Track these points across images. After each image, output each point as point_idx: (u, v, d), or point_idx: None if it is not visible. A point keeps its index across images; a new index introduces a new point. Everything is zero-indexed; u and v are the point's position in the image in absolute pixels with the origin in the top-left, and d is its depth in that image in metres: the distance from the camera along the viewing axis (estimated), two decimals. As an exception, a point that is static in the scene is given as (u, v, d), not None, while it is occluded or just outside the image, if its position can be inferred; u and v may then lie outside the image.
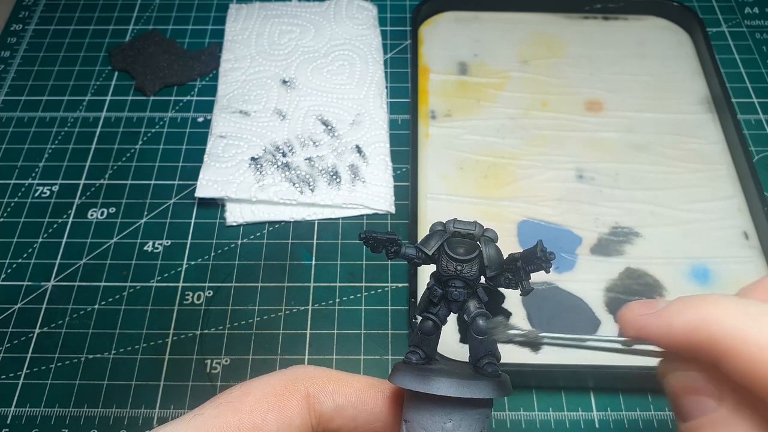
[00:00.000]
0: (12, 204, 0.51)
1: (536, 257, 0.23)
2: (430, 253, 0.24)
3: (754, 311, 0.20)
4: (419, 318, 0.25)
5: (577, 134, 0.54)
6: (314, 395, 0.24)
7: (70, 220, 0.51)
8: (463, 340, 0.25)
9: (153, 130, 0.56)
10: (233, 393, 0.24)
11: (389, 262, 0.48)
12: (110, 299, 0.46)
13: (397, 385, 0.23)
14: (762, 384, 0.19)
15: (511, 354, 0.42)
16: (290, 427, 0.23)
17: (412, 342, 0.25)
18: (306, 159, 0.52)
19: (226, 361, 0.44)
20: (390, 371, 0.24)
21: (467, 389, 0.22)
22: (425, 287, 0.25)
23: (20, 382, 0.43)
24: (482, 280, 0.24)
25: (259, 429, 0.23)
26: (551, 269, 0.23)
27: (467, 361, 0.25)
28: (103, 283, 0.47)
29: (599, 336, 0.24)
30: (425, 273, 0.46)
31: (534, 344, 0.23)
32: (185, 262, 0.48)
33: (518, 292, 0.24)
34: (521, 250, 0.24)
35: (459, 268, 0.24)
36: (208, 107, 0.57)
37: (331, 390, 0.24)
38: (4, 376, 0.43)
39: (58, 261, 0.48)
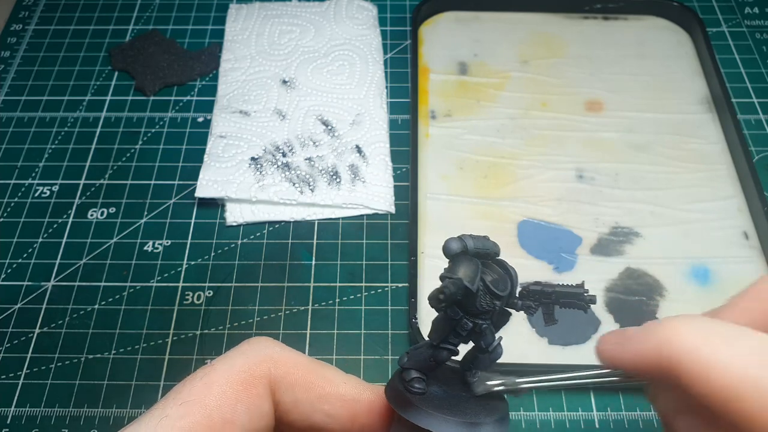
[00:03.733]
0: (12, 204, 0.51)
1: (579, 298, 0.22)
2: (474, 290, 0.22)
3: (712, 330, 0.20)
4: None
5: (577, 134, 0.54)
6: (275, 381, 0.23)
7: (70, 220, 0.51)
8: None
9: (153, 130, 0.56)
10: (195, 386, 0.22)
11: (389, 262, 0.48)
12: (110, 299, 0.46)
13: None
14: (718, 406, 0.19)
15: (511, 354, 0.42)
16: (261, 415, 0.22)
17: (414, 365, 0.23)
18: (306, 159, 0.52)
19: (226, 361, 0.44)
20: (400, 402, 0.22)
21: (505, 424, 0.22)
22: (440, 313, 0.23)
23: (20, 382, 0.43)
24: None
25: (230, 423, 0.21)
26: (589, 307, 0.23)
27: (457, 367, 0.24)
28: (103, 283, 0.47)
29: (578, 373, 0.23)
30: (426, 273, 0.46)
31: (514, 391, 0.23)
32: (185, 262, 0.48)
33: (541, 319, 0.23)
34: (552, 283, 0.23)
35: (497, 302, 0.22)
36: (208, 107, 0.57)
37: (292, 381, 0.23)
38: (4, 376, 0.43)
39: (58, 261, 0.48)
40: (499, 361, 0.24)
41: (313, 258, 0.48)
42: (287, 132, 0.54)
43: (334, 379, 0.24)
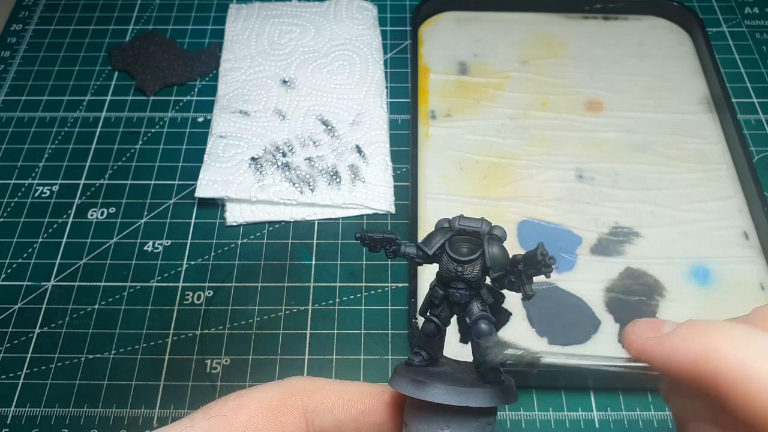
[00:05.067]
0: (12, 204, 0.51)
1: (536, 261, 0.21)
2: (430, 253, 0.23)
3: (763, 345, 0.18)
4: (420, 319, 0.24)
5: (577, 134, 0.54)
6: (313, 410, 0.23)
7: (70, 220, 0.51)
8: (463, 341, 0.24)
9: (153, 130, 0.56)
10: (227, 405, 0.22)
11: (389, 262, 0.48)
12: (110, 299, 0.46)
13: (394, 389, 0.22)
14: (760, 424, 0.18)
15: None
16: None
17: (416, 343, 0.24)
18: (306, 159, 0.52)
19: (226, 361, 0.44)
20: (391, 373, 0.23)
21: (464, 397, 0.21)
22: (428, 287, 0.24)
23: (20, 382, 0.43)
24: (488, 280, 0.23)
25: None
26: (551, 273, 0.22)
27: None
28: (103, 283, 0.47)
29: (600, 355, 0.22)
30: (426, 273, 0.46)
31: (532, 365, 0.22)
32: (185, 262, 0.48)
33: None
34: (524, 252, 0.23)
35: (460, 269, 0.23)
36: (208, 107, 0.57)
37: (331, 405, 0.23)
38: (4, 376, 0.43)
39: (58, 261, 0.48)
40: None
41: (313, 258, 0.48)
42: (287, 132, 0.54)
43: (369, 388, 0.24)
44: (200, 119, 0.57)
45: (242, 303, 0.46)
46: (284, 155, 0.52)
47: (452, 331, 0.24)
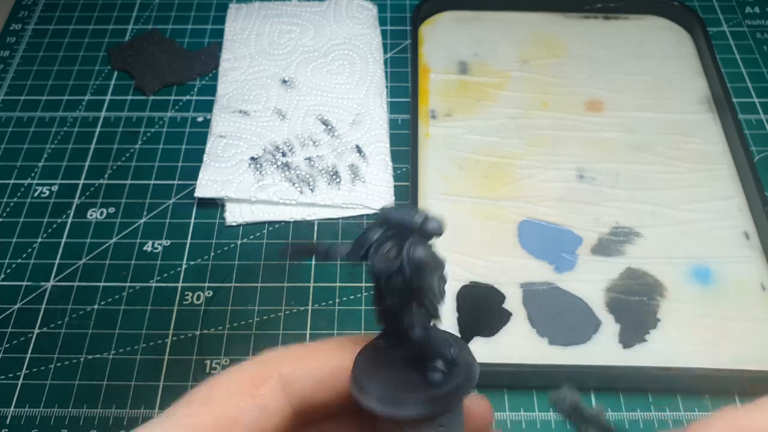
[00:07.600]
0: (11, 204, 0.51)
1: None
2: (359, 257, 0.21)
3: None
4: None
5: (577, 134, 0.54)
6: (289, 376, 0.23)
7: (70, 220, 0.50)
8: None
9: (153, 130, 0.56)
10: (203, 389, 0.23)
11: (389, 262, 0.48)
12: (110, 299, 0.46)
13: (367, 407, 0.21)
14: None
15: (511, 354, 0.42)
16: (268, 414, 0.22)
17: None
18: (306, 159, 0.52)
19: (226, 361, 0.44)
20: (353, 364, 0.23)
21: (441, 402, 0.21)
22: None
23: (20, 382, 0.43)
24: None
25: (236, 422, 0.22)
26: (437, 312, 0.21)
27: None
28: (102, 283, 0.47)
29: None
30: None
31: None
32: (185, 262, 0.48)
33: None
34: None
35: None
36: (208, 107, 0.57)
37: (306, 366, 0.23)
38: (3, 376, 0.43)
39: (57, 261, 0.48)
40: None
41: (313, 258, 0.48)
42: (287, 132, 0.54)
43: (340, 342, 0.24)
44: (200, 119, 0.57)
45: (242, 303, 0.46)
46: (284, 155, 0.52)
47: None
